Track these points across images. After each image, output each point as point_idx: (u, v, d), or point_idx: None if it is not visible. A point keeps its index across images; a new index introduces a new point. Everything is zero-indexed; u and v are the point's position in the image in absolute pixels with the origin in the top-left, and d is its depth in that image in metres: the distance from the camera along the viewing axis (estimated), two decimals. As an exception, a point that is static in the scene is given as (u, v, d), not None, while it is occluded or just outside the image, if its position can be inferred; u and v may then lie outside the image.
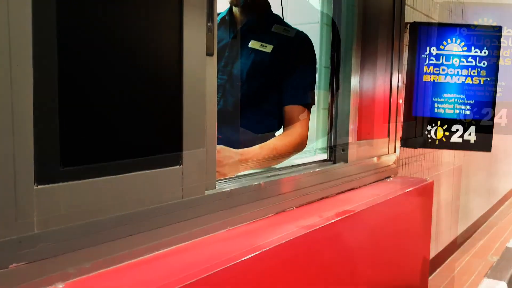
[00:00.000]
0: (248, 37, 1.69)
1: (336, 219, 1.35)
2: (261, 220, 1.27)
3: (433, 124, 2.66)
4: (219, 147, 1.27)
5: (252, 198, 1.25)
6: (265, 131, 1.72)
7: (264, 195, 1.30)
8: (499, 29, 2.73)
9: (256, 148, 1.50)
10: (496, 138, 2.78)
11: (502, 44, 2.67)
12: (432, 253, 3.53)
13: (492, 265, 3.67)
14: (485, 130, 2.69)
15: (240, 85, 1.67)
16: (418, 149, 3.05)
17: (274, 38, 1.69)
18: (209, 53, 1.14)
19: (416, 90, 2.68)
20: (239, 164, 1.39)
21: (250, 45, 1.68)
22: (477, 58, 2.72)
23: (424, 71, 2.70)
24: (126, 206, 0.91)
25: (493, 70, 2.72)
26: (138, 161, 0.95)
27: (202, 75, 1.10)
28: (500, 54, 2.66)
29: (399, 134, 2.10)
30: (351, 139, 1.74)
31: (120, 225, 0.90)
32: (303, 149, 1.65)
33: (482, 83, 2.72)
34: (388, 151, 2.03)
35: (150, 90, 0.98)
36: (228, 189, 1.17)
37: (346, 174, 1.72)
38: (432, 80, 2.69)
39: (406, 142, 2.65)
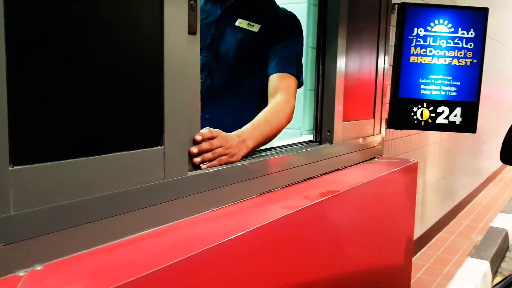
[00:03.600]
0: (236, 14, 1.67)
1: (321, 199, 1.36)
2: (246, 201, 1.27)
3: (419, 106, 2.67)
4: (216, 131, 1.24)
5: (236, 179, 1.24)
6: (252, 109, 1.69)
7: (248, 175, 1.29)
8: (485, 10, 2.72)
9: (248, 128, 1.39)
10: (481, 120, 2.80)
11: (456, 45, 2.68)
12: (418, 233, 3.58)
13: (476, 245, 3.74)
14: (471, 112, 2.70)
15: (227, 65, 1.64)
16: (404, 130, 3.07)
17: (262, 17, 1.66)
18: (192, 32, 1.12)
19: (403, 72, 2.67)
20: (241, 148, 1.31)
21: (237, 23, 1.65)
22: (464, 40, 2.72)
23: (411, 52, 2.69)
24: (106, 187, 0.90)
25: (479, 51, 2.72)
26: (117, 141, 0.93)
27: (184, 54, 1.08)
28: (455, 55, 2.67)
29: (384, 115, 2.10)
30: (336, 120, 1.74)
31: (100, 206, 0.89)
32: (291, 120, 1.57)
33: (468, 64, 2.73)
34: (373, 132, 2.03)
35: (129, 70, 0.96)
36: (212, 170, 1.16)
37: (331, 155, 1.72)
38: (419, 62, 2.69)
39: (392, 123, 2.65)
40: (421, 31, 2.69)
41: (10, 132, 0.73)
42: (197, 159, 1.15)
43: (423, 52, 2.69)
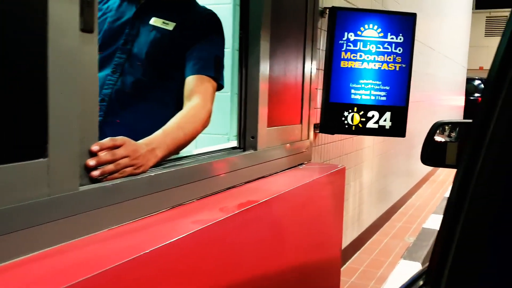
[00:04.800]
0: (151, 13, 1.57)
1: (237, 212, 1.27)
2: (151, 216, 1.16)
3: (350, 110, 2.66)
4: (121, 140, 1.13)
5: (141, 192, 1.13)
6: (168, 113, 1.59)
7: (156, 188, 1.18)
8: (413, 16, 2.77)
9: (158, 135, 1.28)
10: (409, 125, 2.84)
11: (386, 50, 2.71)
12: (354, 235, 3.60)
13: (408, 246, 3.81)
14: (400, 116, 2.73)
15: (140, 65, 1.53)
16: (338, 135, 3.06)
17: (178, 15, 1.57)
18: (87, 30, 1.00)
19: (334, 76, 2.66)
20: (149, 158, 1.19)
21: (151, 22, 1.56)
22: (393, 45, 2.75)
23: (342, 57, 2.68)
24: (-31, 208, 0.77)
25: (408, 56, 2.76)
26: (-16, 154, 0.80)
27: (75, 54, 0.96)
28: (385, 59, 2.70)
29: (314, 120, 2.06)
30: (261, 125, 1.67)
31: (-41, 231, 0.75)
32: (207, 126, 1.47)
33: (397, 69, 2.76)
34: (301, 137, 1.98)
35: (3, 70, 0.84)
36: (110, 183, 1.05)
37: (255, 162, 1.64)
38: (349, 66, 2.68)
39: (323, 128, 2.63)
40: (351, 35, 2.69)
41: None
42: (94, 173, 1.03)
43: (353, 56, 2.69)
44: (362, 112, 2.67)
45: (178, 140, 1.31)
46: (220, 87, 1.54)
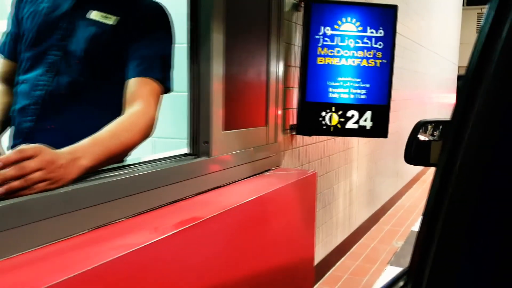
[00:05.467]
0: (91, 6, 1.40)
1: (174, 231, 1.09)
2: (65, 240, 0.98)
3: (328, 110, 2.48)
4: (34, 150, 0.95)
5: (52, 212, 0.95)
6: (108, 117, 1.41)
7: (75, 205, 1.00)
8: (394, 8, 2.60)
9: (86, 142, 1.11)
10: (397, 123, 2.67)
11: (365, 45, 2.53)
12: (341, 239, 3.44)
13: (396, 251, 3.64)
14: (381, 116, 2.55)
15: (77, 64, 1.36)
16: (318, 136, 2.89)
17: (121, 8, 1.40)
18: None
19: (310, 74, 2.48)
20: (71, 169, 1.02)
21: (91, 16, 1.39)
22: (373, 39, 2.57)
23: (318, 53, 2.50)
24: None
25: (389, 51, 2.59)
26: None
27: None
28: (364, 55, 2.52)
29: (288, 121, 1.88)
30: (215, 129, 1.49)
31: None
32: (150, 135, 1.30)
33: (378, 65, 2.59)
34: (267, 141, 1.80)
35: None
36: (7, 203, 0.86)
37: (208, 170, 1.46)
38: (326, 63, 2.51)
39: (300, 129, 2.45)
40: (328, 30, 2.51)
41: None
42: None
43: (331, 52, 2.51)
44: (340, 112, 2.49)
45: (110, 149, 1.13)
46: (167, 90, 1.37)
